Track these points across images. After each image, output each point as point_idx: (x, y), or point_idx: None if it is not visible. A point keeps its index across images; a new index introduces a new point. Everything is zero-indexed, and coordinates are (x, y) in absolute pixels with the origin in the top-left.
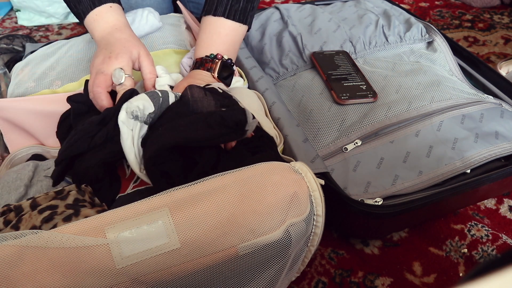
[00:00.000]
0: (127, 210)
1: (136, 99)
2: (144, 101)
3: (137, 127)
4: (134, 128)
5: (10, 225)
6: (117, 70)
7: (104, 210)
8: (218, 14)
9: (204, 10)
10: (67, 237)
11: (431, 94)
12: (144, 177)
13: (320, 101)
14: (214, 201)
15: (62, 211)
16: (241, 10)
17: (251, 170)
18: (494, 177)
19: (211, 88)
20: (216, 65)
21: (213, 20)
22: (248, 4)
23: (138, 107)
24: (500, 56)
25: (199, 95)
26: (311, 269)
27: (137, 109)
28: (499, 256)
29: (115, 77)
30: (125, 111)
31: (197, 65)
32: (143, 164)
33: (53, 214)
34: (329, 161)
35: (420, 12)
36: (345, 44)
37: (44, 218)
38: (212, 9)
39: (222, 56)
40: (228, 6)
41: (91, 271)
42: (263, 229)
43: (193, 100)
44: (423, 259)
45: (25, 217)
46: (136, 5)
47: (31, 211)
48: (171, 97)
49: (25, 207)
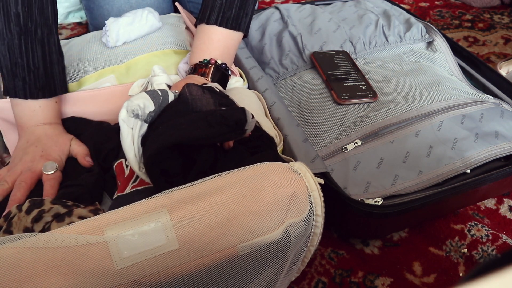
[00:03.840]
0: (126, 211)
1: (137, 98)
2: (145, 99)
3: (137, 125)
4: (134, 126)
5: (2, 230)
6: (50, 163)
7: (97, 209)
8: (210, 22)
9: (198, 19)
10: (66, 237)
11: (431, 94)
12: (143, 176)
13: (320, 101)
14: (213, 202)
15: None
16: (233, 17)
17: (250, 170)
18: (494, 177)
19: (209, 87)
20: (209, 70)
21: (206, 28)
22: (240, 11)
23: (139, 106)
24: (500, 56)
25: (197, 93)
26: (311, 269)
27: (138, 108)
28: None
29: (46, 167)
30: (126, 109)
31: (191, 70)
32: (142, 163)
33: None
34: (329, 161)
35: (420, 12)
36: (345, 44)
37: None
38: (205, 18)
39: (215, 61)
40: (220, 14)
41: (90, 272)
42: (262, 229)
43: (192, 98)
44: (423, 259)
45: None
46: (136, 5)
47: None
48: (170, 96)
49: (13, 210)
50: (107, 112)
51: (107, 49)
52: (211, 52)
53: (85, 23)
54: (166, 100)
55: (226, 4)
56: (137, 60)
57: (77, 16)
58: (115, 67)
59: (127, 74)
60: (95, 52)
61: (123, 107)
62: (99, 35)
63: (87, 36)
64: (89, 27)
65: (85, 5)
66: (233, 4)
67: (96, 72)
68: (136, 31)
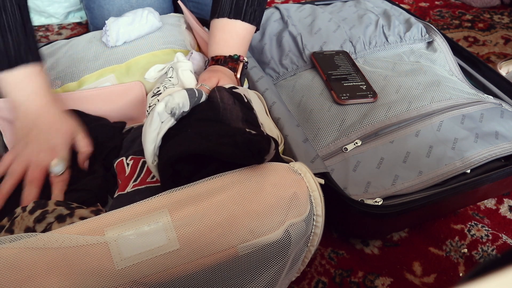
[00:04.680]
0: (127, 211)
1: (179, 96)
2: (184, 99)
3: (169, 122)
4: (165, 122)
5: (4, 230)
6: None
7: (99, 210)
8: (233, 17)
9: (217, 13)
10: (66, 237)
11: (431, 94)
12: (154, 169)
13: (320, 101)
14: (213, 202)
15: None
16: (256, 13)
17: (251, 171)
18: (494, 177)
19: (239, 95)
20: (239, 66)
21: (230, 22)
22: (259, 7)
23: (178, 105)
24: (500, 56)
25: (228, 101)
26: (311, 269)
27: (177, 107)
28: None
29: (55, 167)
30: (165, 104)
31: (220, 62)
32: (157, 156)
33: (45, 213)
34: (329, 161)
35: (420, 12)
36: (345, 44)
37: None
38: (226, 11)
39: (244, 58)
40: (244, 8)
41: (91, 272)
42: (263, 230)
43: (223, 108)
44: (423, 259)
45: (17, 219)
46: (136, 4)
47: (22, 213)
48: (203, 98)
49: (17, 210)
50: (107, 112)
51: (107, 49)
52: (239, 47)
53: (85, 23)
54: (199, 101)
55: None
56: (137, 59)
57: (77, 16)
58: (115, 67)
59: (127, 73)
60: (95, 52)
61: (163, 100)
62: (99, 35)
63: (87, 36)
64: (89, 27)
65: (86, 5)
66: (256, 0)
67: (96, 71)
68: (136, 31)
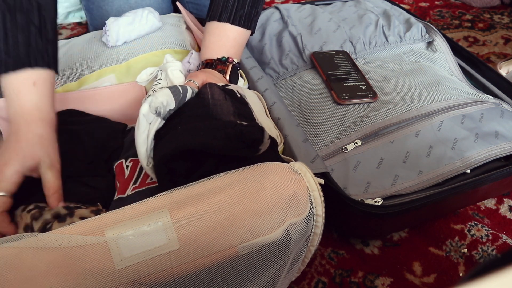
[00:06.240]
0: (126, 211)
1: (162, 95)
2: (168, 97)
3: (156, 122)
4: (152, 123)
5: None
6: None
7: (99, 209)
8: (223, 20)
9: (209, 16)
10: (66, 237)
11: (431, 94)
12: (150, 171)
13: (320, 101)
14: (213, 202)
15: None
16: (246, 16)
17: (251, 171)
18: (494, 177)
19: (231, 91)
20: (228, 68)
21: (219, 25)
22: (252, 10)
23: (162, 104)
24: (500, 56)
25: (219, 97)
26: (311, 269)
27: (161, 105)
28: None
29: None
30: (149, 105)
31: (208, 66)
32: (151, 157)
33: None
34: (329, 161)
35: (420, 12)
36: (345, 44)
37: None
38: (217, 15)
39: (233, 60)
40: (233, 11)
41: (91, 272)
42: (263, 229)
43: (214, 103)
44: (423, 259)
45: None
46: (136, 5)
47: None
48: (189, 93)
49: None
50: (107, 112)
51: (107, 49)
52: (228, 49)
53: (85, 23)
54: (185, 97)
55: (239, 2)
56: (137, 59)
57: (77, 16)
58: (115, 67)
59: (127, 73)
60: (95, 52)
61: (146, 101)
62: (99, 34)
63: (87, 36)
64: (89, 28)
65: (85, 6)
66: (246, 3)
67: (96, 71)
68: (136, 31)
